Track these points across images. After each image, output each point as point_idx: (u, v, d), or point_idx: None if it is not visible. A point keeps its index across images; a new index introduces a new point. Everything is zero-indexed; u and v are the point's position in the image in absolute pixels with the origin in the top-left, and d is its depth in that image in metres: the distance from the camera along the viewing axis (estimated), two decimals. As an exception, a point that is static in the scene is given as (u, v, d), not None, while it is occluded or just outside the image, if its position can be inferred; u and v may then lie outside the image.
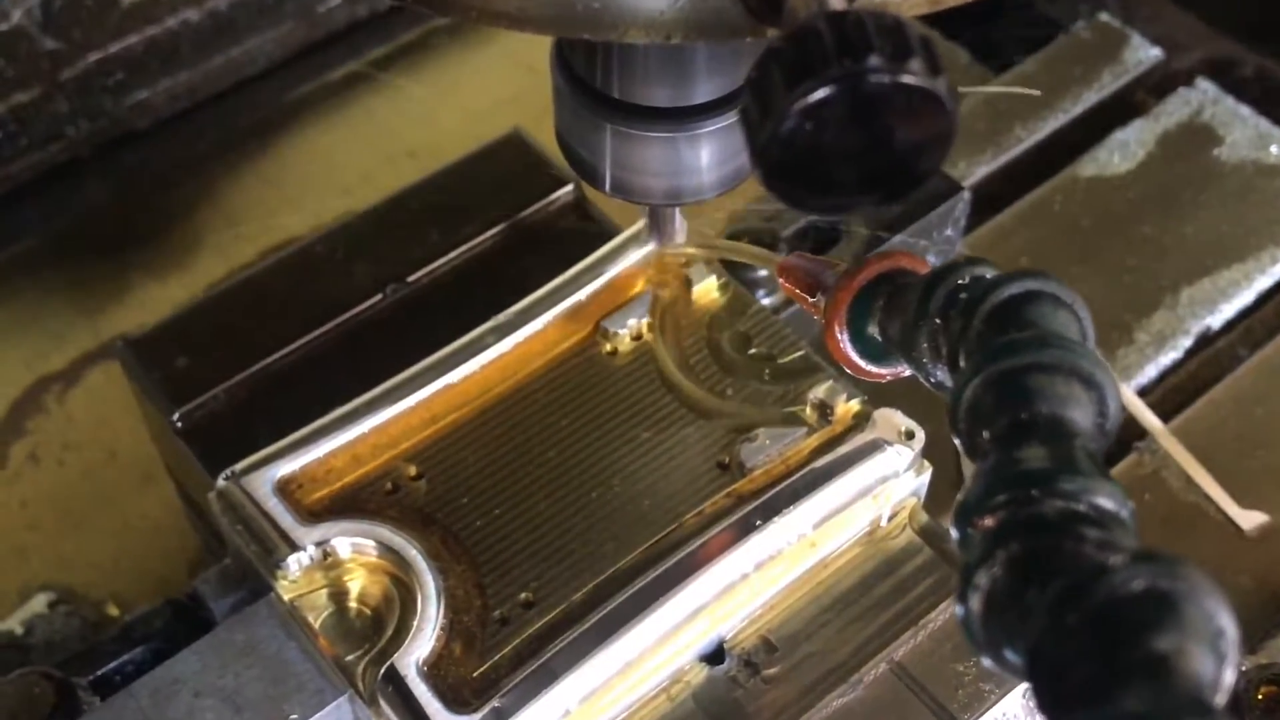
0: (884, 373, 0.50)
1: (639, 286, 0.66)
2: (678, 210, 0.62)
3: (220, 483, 0.59)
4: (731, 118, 0.50)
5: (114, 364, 0.90)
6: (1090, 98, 1.00)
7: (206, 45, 1.01)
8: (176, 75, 1.01)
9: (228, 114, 1.05)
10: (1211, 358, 0.88)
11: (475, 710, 0.53)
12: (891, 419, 0.61)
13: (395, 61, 1.09)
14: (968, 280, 0.41)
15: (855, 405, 0.62)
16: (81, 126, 0.98)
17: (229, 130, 1.04)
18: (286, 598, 0.58)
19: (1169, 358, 0.87)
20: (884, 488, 0.60)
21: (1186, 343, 0.88)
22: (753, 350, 0.64)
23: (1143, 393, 0.85)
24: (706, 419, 0.62)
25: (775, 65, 0.35)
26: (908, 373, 0.47)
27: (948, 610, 0.58)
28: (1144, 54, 1.01)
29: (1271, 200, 0.94)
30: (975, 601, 0.33)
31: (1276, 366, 0.86)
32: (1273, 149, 0.96)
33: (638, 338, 0.65)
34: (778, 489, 0.59)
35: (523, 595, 0.58)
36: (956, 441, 0.39)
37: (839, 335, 0.49)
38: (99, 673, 0.64)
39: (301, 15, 1.04)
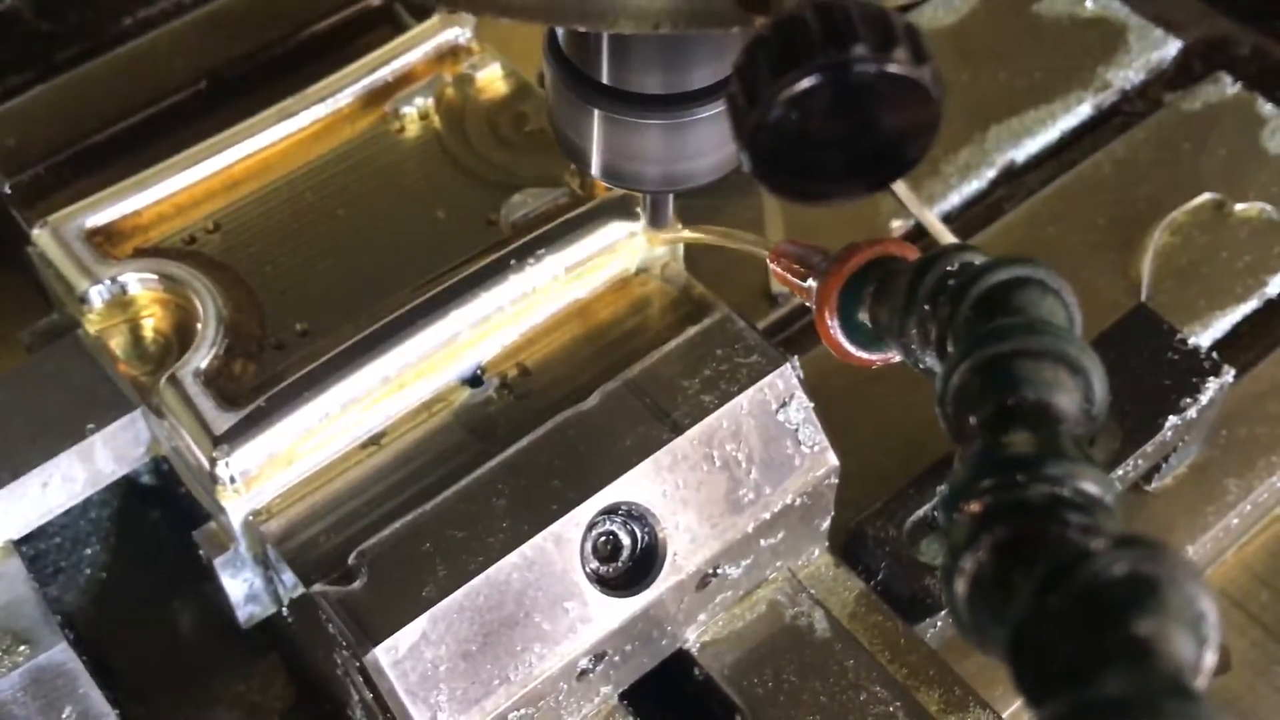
0: (874, 358, 0.50)
1: (427, 72, 0.73)
2: (670, 196, 0.63)
3: (36, 230, 0.66)
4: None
5: None
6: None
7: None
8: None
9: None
10: (1015, 191, 0.94)
11: (243, 407, 0.60)
12: (643, 180, 0.67)
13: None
14: (956, 266, 0.42)
15: (614, 171, 0.68)
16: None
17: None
18: (91, 330, 0.65)
19: (973, 187, 0.94)
20: (631, 240, 0.67)
21: (991, 174, 0.94)
22: (528, 128, 0.71)
23: (946, 219, 0.92)
24: (480, 185, 0.69)
25: (761, 54, 0.35)
26: (898, 358, 0.47)
27: (681, 340, 0.65)
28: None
29: (1084, 49, 1.00)
30: (960, 585, 0.33)
31: (1072, 192, 0.93)
32: (1088, 3, 1.02)
33: (424, 118, 0.72)
34: (533, 236, 0.66)
35: (299, 326, 0.64)
36: (942, 423, 0.39)
37: (829, 321, 0.49)
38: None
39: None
